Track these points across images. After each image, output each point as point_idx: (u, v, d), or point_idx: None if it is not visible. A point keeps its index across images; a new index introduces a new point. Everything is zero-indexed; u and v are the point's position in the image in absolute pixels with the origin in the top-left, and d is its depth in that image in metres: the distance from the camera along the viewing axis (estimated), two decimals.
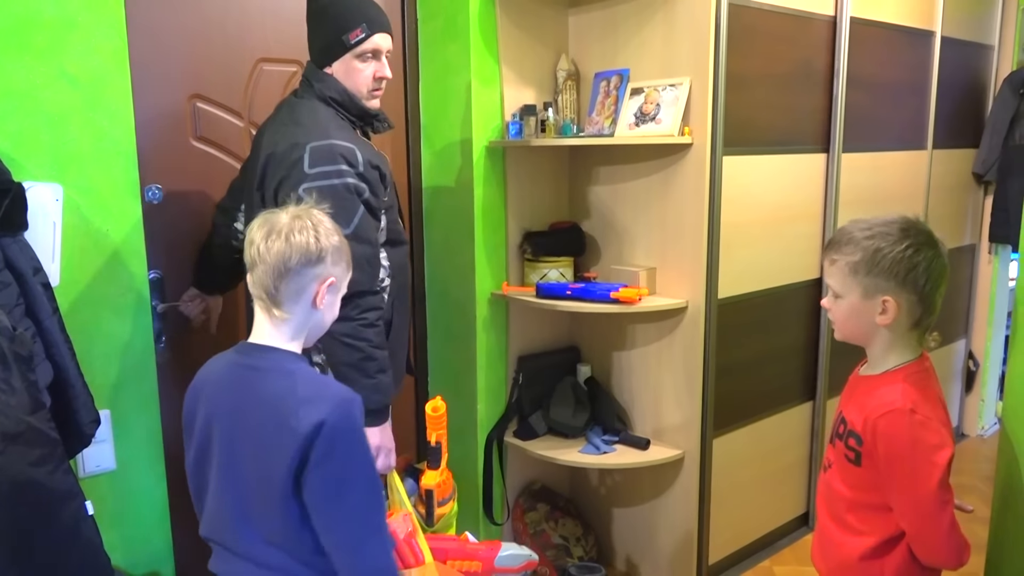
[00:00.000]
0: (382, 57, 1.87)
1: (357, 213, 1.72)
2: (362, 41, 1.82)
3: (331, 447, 1.22)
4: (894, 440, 1.34)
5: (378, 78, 1.88)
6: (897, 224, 1.39)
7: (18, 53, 1.74)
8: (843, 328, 1.47)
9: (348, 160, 1.73)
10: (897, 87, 2.97)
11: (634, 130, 2.38)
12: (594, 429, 2.57)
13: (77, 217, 1.85)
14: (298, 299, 1.29)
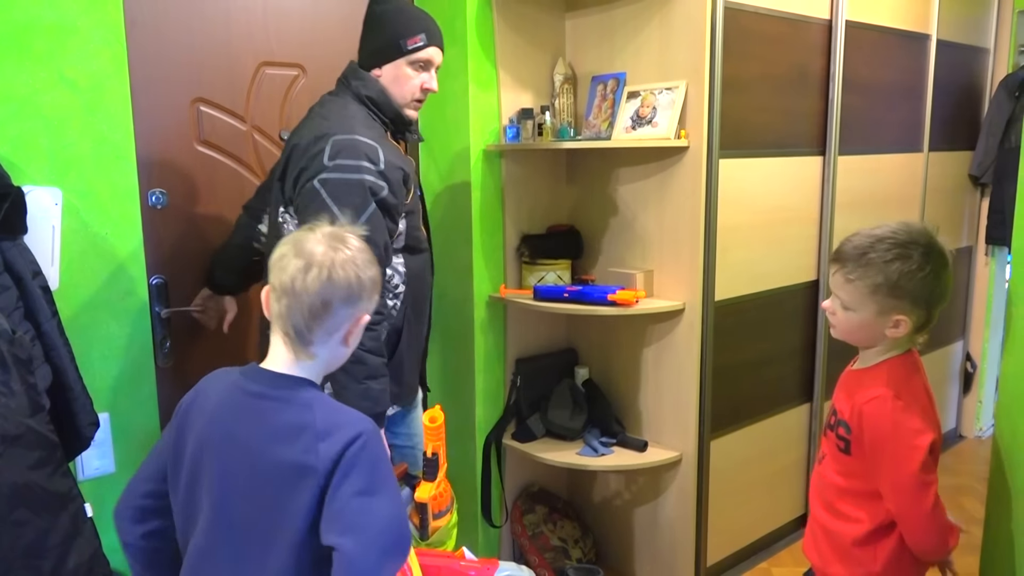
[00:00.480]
0: (432, 70, 1.90)
1: (367, 210, 1.69)
2: (419, 49, 1.85)
3: (343, 479, 1.12)
4: (877, 424, 1.39)
5: (425, 89, 1.90)
6: (920, 248, 1.38)
7: (18, 58, 1.75)
8: (847, 335, 1.49)
9: (370, 157, 1.72)
10: (893, 90, 2.99)
11: (631, 133, 2.39)
12: (592, 431, 2.58)
13: (76, 221, 1.86)
14: (329, 338, 1.20)
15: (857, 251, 1.41)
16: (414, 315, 1.94)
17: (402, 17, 1.86)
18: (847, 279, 1.41)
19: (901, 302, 1.38)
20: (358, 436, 1.13)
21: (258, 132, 2.29)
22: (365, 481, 1.12)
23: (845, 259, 1.42)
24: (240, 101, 2.25)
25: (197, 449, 1.20)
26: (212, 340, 2.27)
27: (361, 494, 1.11)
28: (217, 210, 2.24)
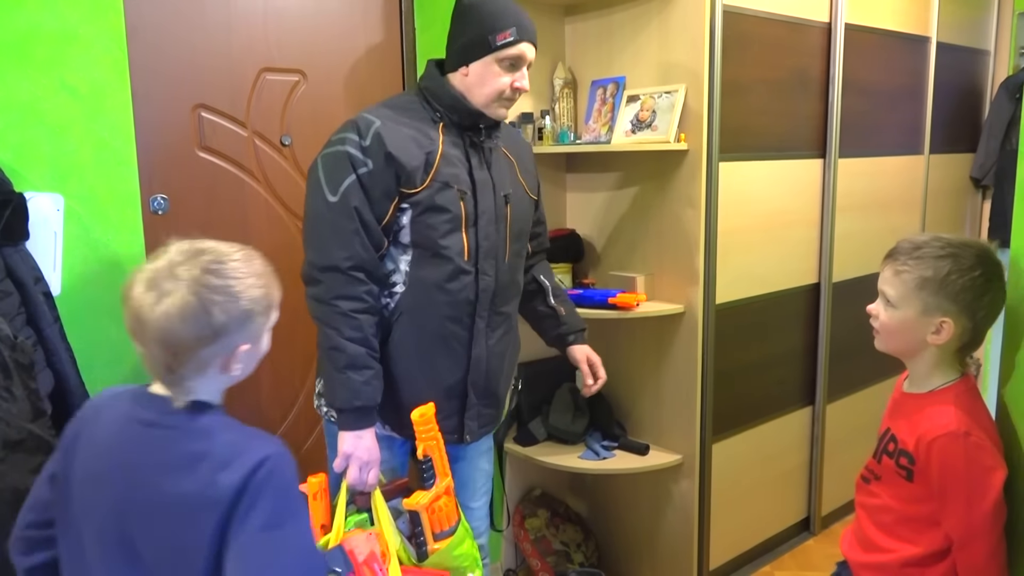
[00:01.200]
0: (523, 67, 1.75)
1: (345, 181, 1.61)
2: (509, 45, 1.69)
3: (248, 511, 1.04)
4: (949, 463, 1.34)
5: (515, 88, 1.74)
6: (973, 249, 1.37)
7: (20, 65, 1.76)
8: (889, 339, 1.45)
9: (359, 129, 1.64)
10: (893, 92, 2.99)
11: (630, 137, 2.39)
12: (593, 435, 2.58)
13: (78, 227, 1.86)
14: (203, 372, 1.10)
15: (911, 245, 1.39)
16: (418, 330, 1.71)
17: (492, 9, 1.70)
18: (897, 271, 1.39)
19: (947, 303, 1.35)
20: (261, 463, 1.05)
21: (259, 138, 2.30)
22: (272, 513, 1.04)
23: (898, 253, 1.40)
24: (241, 107, 2.26)
25: (86, 481, 1.11)
26: None
27: (268, 528, 1.03)
28: (218, 215, 2.24)
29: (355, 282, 1.61)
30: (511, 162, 1.86)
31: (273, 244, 2.34)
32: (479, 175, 1.74)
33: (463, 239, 1.71)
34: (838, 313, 2.84)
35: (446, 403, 1.76)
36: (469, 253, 1.71)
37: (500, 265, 1.77)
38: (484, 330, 1.76)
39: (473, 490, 1.92)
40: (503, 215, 1.78)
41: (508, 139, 1.89)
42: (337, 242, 1.60)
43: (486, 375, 1.79)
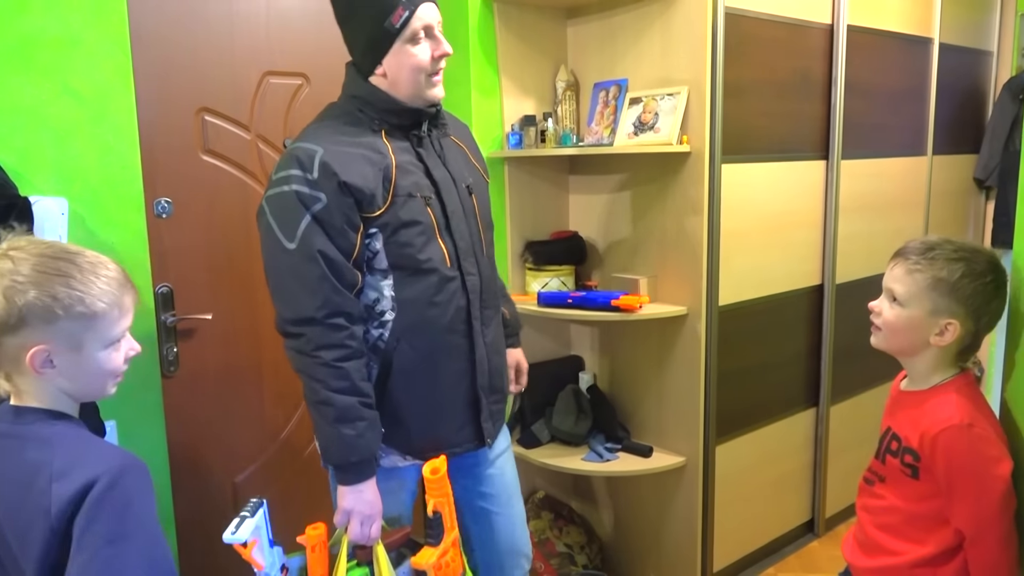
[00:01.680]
0: (434, 32, 1.56)
1: (301, 224, 1.46)
2: (408, 20, 1.51)
3: (88, 526, 1.00)
4: (955, 456, 1.33)
5: (438, 56, 1.57)
6: (984, 255, 1.39)
7: (24, 70, 1.77)
8: (891, 337, 1.44)
9: (301, 163, 1.48)
10: (896, 94, 2.99)
11: (633, 139, 2.40)
12: (597, 437, 2.58)
13: (82, 230, 1.87)
14: (20, 369, 1.08)
15: (924, 246, 1.39)
16: (419, 353, 1.62)
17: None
18: (909, 270, 1.38)
19: (956, 306, 1.36)
20: (99, 477, 1.01)
21: (262, 141, 2.30)
22: (113, 527, 1.01)
23: (910, 252, 1.40)
24: (244, 110, 2.27)
25: None
26: (218, 349, 2.28)
27: (110, 543, 1.00)
28: (222, 218, 2.25)
29: (334, 329, 1.49)
30: (461, 149, 1.76)
31: None
32: (438, 174, 1.62)
33: (440, 246, 1.61)
34: (841, 315, 2.83)
35: (460, 413, 1.69)
36: (450, 259, 1.62)
37: (481, 260, 1.70)
38: (480, 330, 1.69)
39: (508, 495, 1.83)
40: (471, 208, 1.69)
41: (451, 125, 1.77)
42: (306, 292, 1.47)
43: (490, 373, 1.72)
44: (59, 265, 1.08)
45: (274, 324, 1.54)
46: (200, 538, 2.28)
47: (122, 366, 1.16)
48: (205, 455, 2.28)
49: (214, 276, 2.25)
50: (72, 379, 1.11)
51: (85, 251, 1.13)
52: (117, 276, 1.14)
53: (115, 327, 1.12)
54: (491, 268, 1.77)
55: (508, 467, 1.84)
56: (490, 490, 1.79)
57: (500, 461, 1.81)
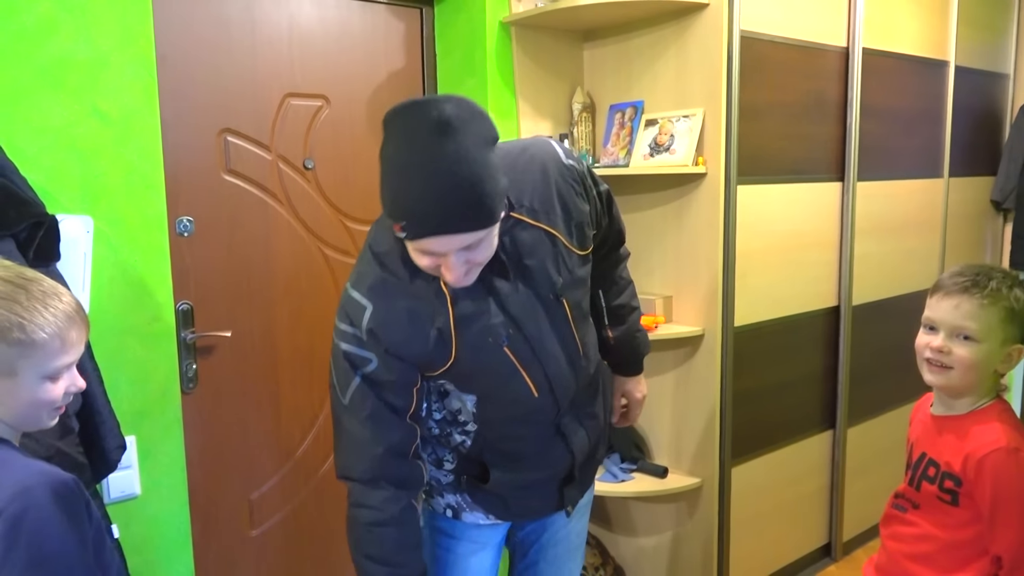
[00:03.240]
0: (449, 258, 1.20)
1: (351, 385, 1.34)
2: (408, 239, 1.21)
3: (8, 549, 0.96)
4: (1002, 479, 1.33)
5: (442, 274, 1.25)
6: (1015, 277, 1.42)
7: (53, 91, 1.81)
8: (965, 374, 1.40)
9: (351, 319, 1.33)
10: (911, 116, 2.99)
11: (648, 160, 2.41)
12: (611, 457, 2.57)
13: (106, 248, 1.90)
14: None
15: (981, 278, 1.39)
16: (505, 457, 1.50)
17: (388, 191, 1.18)
18: (982, 306, 1.36)
19: (1018, 331, 1.38)
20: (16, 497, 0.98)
21: (283, 161, 2.34)
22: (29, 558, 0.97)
23: (973, 288, 1.38)
24: (265, 131, 2.30)
25: None
26: (237, 366, 2.30)
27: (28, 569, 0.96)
28: (243, 237, 2.28)
29: (374, 490, 1.37)
30: (542, 230, 1.39)
31: (295, 265, 2.38)
32: (513, 301, 1.36)
33: (525, 380, 1.40)
34: (858, 336, 2.83)
35: (552, 489, 1.56)
36: (538, 388, 1.42)
37: (578, 368, 1.48)
38: (574, 423, 1.53)
39: (568, 553, 1.70)
40: (562, 318, 1.42)
41: (531, 202, 1.38)
42: (352, 453, 1.38)
43: (589, 451, 1.59)
44: (8, 289, 1.07)
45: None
46: (217, 556, 2.29)
47: (59, 399, 1.13)
48: (222, 471, 2.30)
49: (233, 294, 2.28)
50: (2, 405, 1.09)
51: (43, 280, 1.12)
52: (67, 310, 1.11)
53: (55, 359, 1.10)
54: (587, 359, 1.52)
55: (578, 524, 1.71)
56: (550, 540, 1.68)
57: (574, 516, 1.68)
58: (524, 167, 1.38)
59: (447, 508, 1.57)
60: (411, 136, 1.12)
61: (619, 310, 1.70)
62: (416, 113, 1.12)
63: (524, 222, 1.36)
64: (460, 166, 1.10)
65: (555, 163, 1.41)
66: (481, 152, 1.13)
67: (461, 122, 1.11)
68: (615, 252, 1.69)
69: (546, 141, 1.44)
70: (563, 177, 1.41)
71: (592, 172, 1.53)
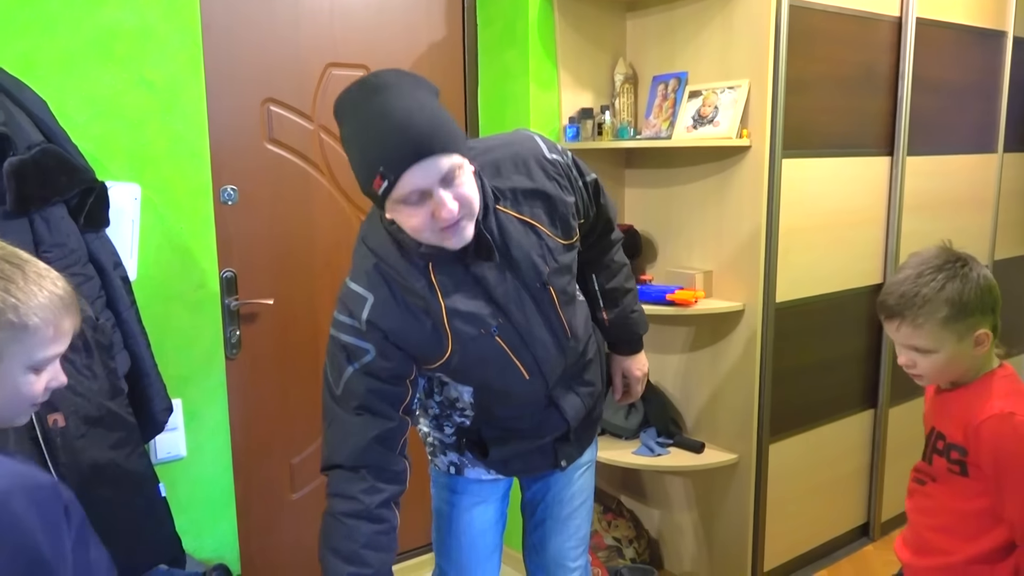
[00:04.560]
0: (435, 192, 1.22)
1: (345, 374, 1.37)
2: (390, 189, 1.21)
3: None
4: (1001, 445, 1.34)
5: (436, 220, 1.24)
6: (957, 262, 1.39)
7: (102, 61, 1.84)
8: (941, 376, 1.45)
9: (350, 310, 1.36)
10: (966, 89, 2.90)
11: (691, 133, 2.38)
12: (648, 431, 2.57)
13: (153, 215, 1.94)
14: None
15: (908, 295, 1.38)
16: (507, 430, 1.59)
17: (356, 154, 1.24)
18: (916, 325, 1.38)
19: (974, 318, 1.37)
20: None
21: (324, 131, 2.36)
22: None
23: (902, 309, 1.39)
24: (307, 101, 2.32)
25: None
26: (279, 333, 2.34)
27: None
28: (285, 207, 2.31)
29: (354, 480, 1.37)
30: (526, 222, 1.42)
31: (336, 235, 2.40)
32: (501, 291, 1.40)
33: (518, 367, 1.47)
34: None
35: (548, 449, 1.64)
36: (529, 371, 1.48)
37: (567, 349, 1.54)
38: (567, 392, 1.59)
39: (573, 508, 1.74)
40: (549, 302, 1.47)
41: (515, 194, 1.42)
42: (339, 440, 1.39)
43: (585, 415, 1.65)
44: (3, 267, 0.97)
45: None
46: (259, 517, 2.35)
47: (41, 396, 1.03)
48: (264, 436, 2.35)
49: (276, 262, 2.31)
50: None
51: (37, 262, 1.02)
52: (63, 295, 1.02)
53: (45, 348, 1.00)
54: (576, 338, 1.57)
55: (581, 481, 1.75)
56: (555, 499, 1.74)
57: (576, 475, 1.73)
58: (507, 162, 1.41)
59: (450, 465, 1.66)
60: (357, 104, 1.22)
61: (612, 293, 1.74)
62: (355, 86, 1.23)
63: (508, 214, 1.40)
64: (406, 102, 1.19)
65: (537, 158, 1.44)
66: (420, 94, 1.22)
67: (396, 79, 1.22)
68: (606, 238, 1.71)
69: (528, 136, 1.47)
70: (545, 171, 1.44)
71: (578, 163, 1.55)
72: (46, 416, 1.41)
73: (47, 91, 1.70)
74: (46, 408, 1.42)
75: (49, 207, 1.54)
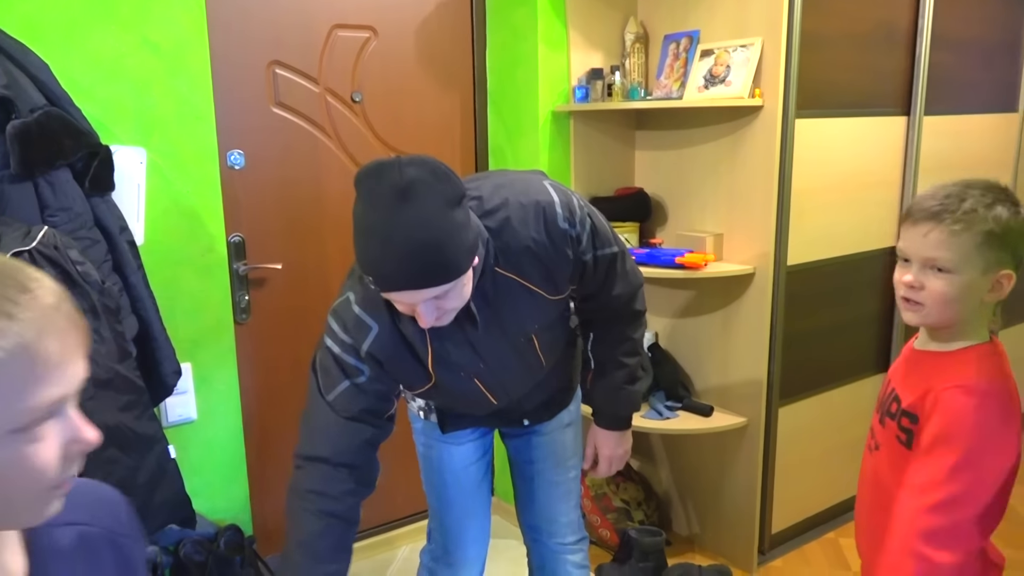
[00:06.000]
0: (418, 307, 1.25)
1: (338, 387, 1.39)
2: (377, 288, 1.25)
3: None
4: (953, 419, 1.16)
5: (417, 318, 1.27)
6: (1006, 192, 1.24)
7: (105, 23, 1.83)
8: (942, 310, 1.22)
9: (351, 333, 1.38)
10: (986, 46, 2.82)
11: (703, 93, 2.34)
12: (657, 395, 2.57)
13: (160, 180, 1.94)
14: None
15: (952, 200, 1.20)
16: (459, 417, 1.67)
17: (357, 240, 1.22)
18: (953, 232, 1.18)
19: (1006, 254, 1.19)
20: None
21: (331, 94, 2.33)
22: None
23: (943, 212, 1.20)
24: (313, 63, 2.29)
25: None
26: (288, 298, 2.34)
27: None
28: (292, 170, 2.30)
29: (337, 479, 1.39)
30: (520, 284, 1.44)
31: (344, 200, 2.39)
32: (485, 344, 1.45)
33: (488, 397, 1.54)
34: None
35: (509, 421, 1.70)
36: (499, 398, 1.56)
37: (538, 376, 1.59)
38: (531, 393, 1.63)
39: (556, 462, 1.75)
40: (531, 351, 1.52)
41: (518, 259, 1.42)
42: (326, 438, 1.40)
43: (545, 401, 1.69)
44: None
45: None
46: (271, 479, 2.37)
47: (60, 469, 0.64)
48: (274, 400, 2.37)
49: (284, 227, 2.31)
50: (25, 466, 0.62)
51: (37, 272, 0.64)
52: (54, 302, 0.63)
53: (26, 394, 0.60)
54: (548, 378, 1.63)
55: (563, 438, 1.76)
56: (537, 454, 1.75)
57: (556, 432, 1.75)
58: (515, 220, 1.39)
59: (420, 410, 1.69)
60: (374, 200, 1.17)
61: (603, 363, 1.65)
62: (380, 177, 1.17)
63: (505, 275, 1.41)
64: (418, 231, 1.15)
65: (548, 220, 1.41)
66: (443, 213, 1.17)
67: (423, 185, 1.16)
68: (614, 312, 1.60)
69: (548, 196, 1.42)
70: (551, 236, 1.41)
71: (596, 237, 1.49)
72: None
73: (51, 54, 1.68)
74: None
75: (54, 171, 1.54)
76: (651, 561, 2.43)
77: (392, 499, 2.63)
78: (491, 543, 1.80)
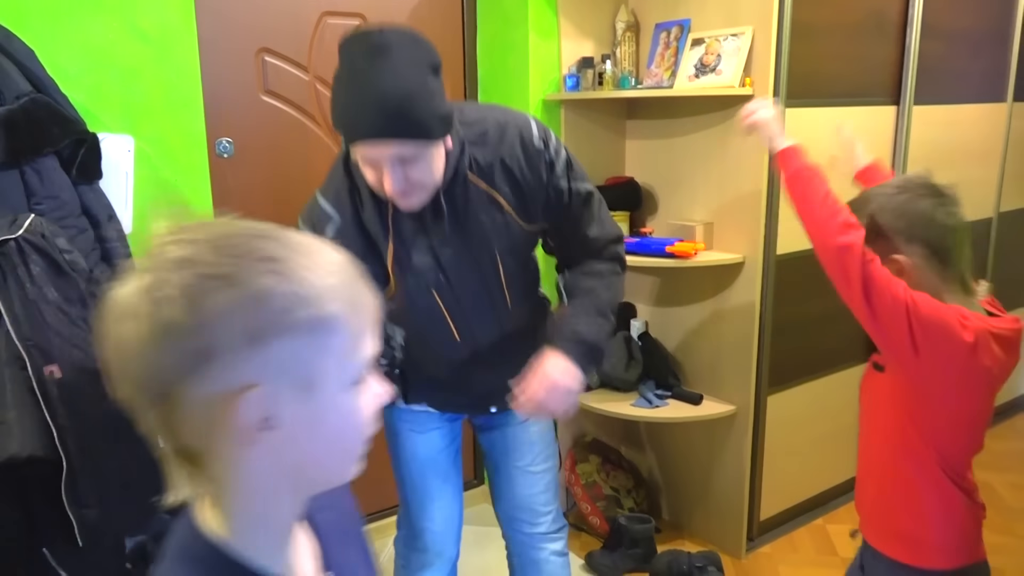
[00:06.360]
0: (383, 166, 1.28)
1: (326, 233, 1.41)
2: (350, 142, 1.32)
3: None
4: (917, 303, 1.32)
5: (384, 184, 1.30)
6: (900, 182, 1.42)
7: (92, 9, 1.81)
8: None
9: (314, 224, 1.41)
10: (976, 36, 2.83)
11: (694, 82, 2.33)
12: (647, 383, 2.58)
13: (148, 168, 1.93)
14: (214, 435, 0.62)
15: None
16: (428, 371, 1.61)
17: (333, 98, 1.30)
18: None
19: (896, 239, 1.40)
20: None
21: (320, 82, 2.32)
22: None
23: None
24: (303, 51, 2.28)
25: None
26: None
27: None
28: (281, 159, 2.29)
29: None
30: (495, 199, 1.44)
31: None
32: (446, 253, 1.43)
33: (450, 326, 1.51)
34: None
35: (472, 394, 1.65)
36: (462, 335, 1.52)
37: (502, 315, 1.54)
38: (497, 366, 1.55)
39: (533, 454, 1.71)
40: (494, 276, 1.49)
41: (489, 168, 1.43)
42: None
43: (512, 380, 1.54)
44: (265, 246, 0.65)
45: None
46: None
47: (371, 423, 0.68)
48: None
49: (273, 215, 2.27)
50: (304, 451, 0.64)
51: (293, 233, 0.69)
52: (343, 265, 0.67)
53: (358, 348, 0.66)
54: (516, 318, 1.58)
55: (536, 427, 1.73)
56: (512, 445, 1.73)
57: (529, 423, 1.71)
58: (493, 133, 1.43)
59: (383, 369, 1.62)
60: (352, 57, 1.24)
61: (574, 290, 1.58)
62: (359, 37, 1.24)
63: (478, 186, 1.42)
64: (389, 80, 1.20)
65: (523, 138, 1.44)
66: (417, 71, 1.23)
67: (398, 46, 1.21)
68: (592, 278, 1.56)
69: (525, 117, 1.47)
70: (527, 152, 1.43)
71: (571, 169, 1.49)
72: (43, 367, 1.42)
73: (37, 41, 1.67)
74: (42, 359, 1.43)
75: (40, 159, 1.53)
76: (640, 548, 2.45)
77: (383, 488, 2.64)
78: (483, 531, 1.80)
